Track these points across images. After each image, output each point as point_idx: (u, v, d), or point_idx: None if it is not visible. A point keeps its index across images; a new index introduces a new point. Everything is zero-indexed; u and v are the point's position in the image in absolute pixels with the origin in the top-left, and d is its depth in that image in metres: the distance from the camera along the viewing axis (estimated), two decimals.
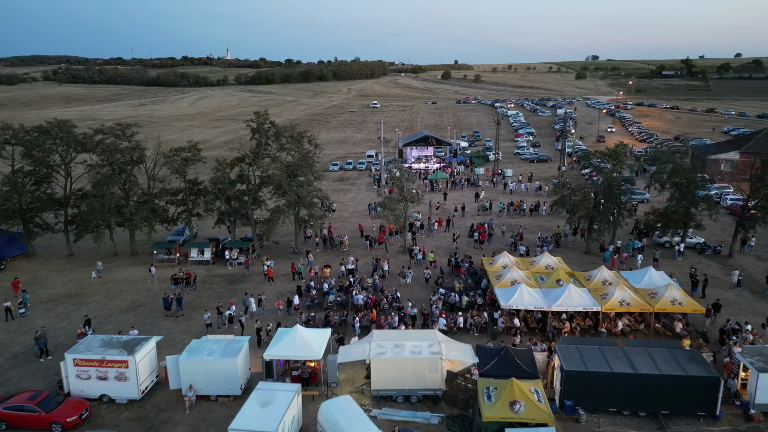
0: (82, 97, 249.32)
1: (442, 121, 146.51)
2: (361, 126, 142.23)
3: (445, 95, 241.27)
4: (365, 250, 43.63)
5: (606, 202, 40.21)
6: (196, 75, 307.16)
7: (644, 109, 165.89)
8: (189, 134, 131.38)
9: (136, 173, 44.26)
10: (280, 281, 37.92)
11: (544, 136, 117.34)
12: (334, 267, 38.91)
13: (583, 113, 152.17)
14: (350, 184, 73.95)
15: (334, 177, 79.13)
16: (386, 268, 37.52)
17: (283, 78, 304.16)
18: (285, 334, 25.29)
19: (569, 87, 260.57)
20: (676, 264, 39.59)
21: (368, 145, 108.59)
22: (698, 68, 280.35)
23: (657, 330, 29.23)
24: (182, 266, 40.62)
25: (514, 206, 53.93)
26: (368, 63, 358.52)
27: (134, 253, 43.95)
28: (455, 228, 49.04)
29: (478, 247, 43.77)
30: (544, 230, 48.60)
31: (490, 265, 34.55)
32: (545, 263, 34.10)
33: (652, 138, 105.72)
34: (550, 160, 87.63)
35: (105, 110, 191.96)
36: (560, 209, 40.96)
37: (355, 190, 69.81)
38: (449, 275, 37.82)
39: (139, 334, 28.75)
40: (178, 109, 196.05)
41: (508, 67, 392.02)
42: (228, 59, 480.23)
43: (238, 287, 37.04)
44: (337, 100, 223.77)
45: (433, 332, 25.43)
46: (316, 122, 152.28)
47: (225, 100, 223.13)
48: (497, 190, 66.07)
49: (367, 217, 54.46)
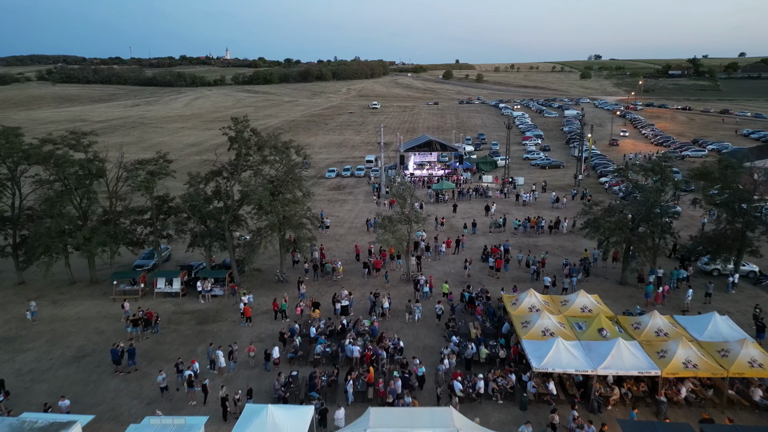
0: (75, 97, 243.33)
1: (444, 123, 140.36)
2: (360, 128, 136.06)
3: (447, 95, 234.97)
4: (362, 278, 37.47)
5: (646, 224, 33.99)
6: (192, 75, 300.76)
7: (655, 110, 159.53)
8: (180, 136, 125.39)
9: (96, 189, 38.04)
10: (260, 321, 31.74)
11: (553, 138, 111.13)
12: (324, 302, 32.78)
13: (591, 114, 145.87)
14: (347, 193, 67.78)
15: (331, 185, 72.96)
16: (386, 305, 31.33)
17: (281, 78, 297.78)
18: (253, 415, 19.14)
19: (574, 87, 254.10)
20: (730, 299, 33.39)
21: (367, 149, 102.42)
22: (705, 68, 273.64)
23: (730, 399, 23.06)
24: (148, 298, 34.54)
25: (532, 223, 47.68)
26: (368, 62, 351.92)
27: (94, 281, 37.81)
28: (466, 249, 42.92)
29: (494, 274, 37.57)
30: (567, 252, 42.44)
31: (513, 306, 28.36)
32: (581, 304, 27.93)
33: (668, 141, 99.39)
34: (563, 166, 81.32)
35: (96, 111, 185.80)
36: (593, 234, 34.65)
37: (352, 200, 63.61)
38: (462, 313, 31.67)
39: (73, 404, 22.66)
40: (171, 109, 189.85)
41: (511, 66, 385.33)
42: (227, 59, 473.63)
43: (210, 329, 30.87)
44: (336, 100, 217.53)
45: (449, 413, 19.26)
46: (313, 123, 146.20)
47: (221, 101, 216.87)
48: (509, 202, 59.85)
49: (365, 234, 48.32)
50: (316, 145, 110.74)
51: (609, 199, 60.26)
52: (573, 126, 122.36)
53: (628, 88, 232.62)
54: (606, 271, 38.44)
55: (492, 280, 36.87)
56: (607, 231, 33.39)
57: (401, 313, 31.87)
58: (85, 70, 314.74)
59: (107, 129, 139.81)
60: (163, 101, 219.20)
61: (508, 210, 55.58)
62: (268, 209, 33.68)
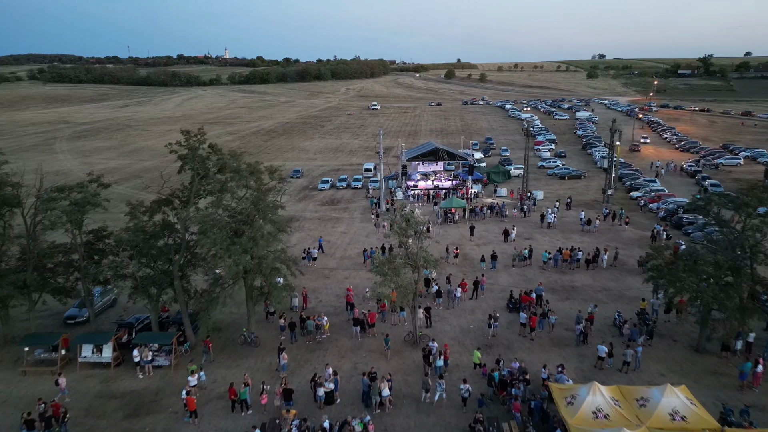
0: (65, 97, 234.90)
1: (448, 125, 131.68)
2: (359, 131, 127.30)
3: (449, 95, 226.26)
4: (353, 340, 28.81)
5: (734, 276, 25.28)
6: (187, 74, 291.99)
7: (671, 111, 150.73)
8: (166, 139, 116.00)
9: (11, 222, 29.29)
10: (212, 413, 23.00)
11: (567, 143, 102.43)
12: (302, 381, 24.15)
13: (604, 116, 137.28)
14: (342, 209, 59.06)
15: (324, 198, 64.24)
16: (386, 392, 22.61)
17: (278, 77, 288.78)
18: None
19: (581, 87, 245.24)
20: None
21: (366, 155, 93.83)
22: (716, 67, 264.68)
23: None
24: (71, 369, 25.88)
25: (564, 255, 38.90)
26: (368, 62, 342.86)
27: (8, 340, 29.14)
28: (485, 292, 34.26)
29: (527, 333, 28.84)
30: (614, 297, 33.76)
31: (569, 408, 19.67)
32: (669, 407, 19.22)
33: (695, 147, 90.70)
34: (584, 176, 72.56)
35: (83, 112, 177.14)
36: (668, 288, 25.85)
37: (347, 219, 54.90)
38: (490, 401, 23.01)
39: None
40: (161, 110, 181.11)
41: (514, 66, 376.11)
42: (226, 58, 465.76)
43: (140, 427, 22.22)
44: (334, 101, 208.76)
45: None
46: (309, 126, 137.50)
47: (214, 101, 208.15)
48: (530, 222, 51.07)
49: (360, 267, 39.69)
50: (311, 150, 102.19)
51: (644, 219, 51.71)
52: (587, 129, 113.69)
53: (638, 88, 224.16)
54: (671, 328, 29.71)
55: (525, 343, 28.20)
56: (687, 287, 24.62)
57: (407, 398, 23.29)
58: (77, 70, 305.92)
59: (90, 132, 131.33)
60: (155, 102, 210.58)
61: (531, 234, 46.89)
62: (226, 255, 24.96)
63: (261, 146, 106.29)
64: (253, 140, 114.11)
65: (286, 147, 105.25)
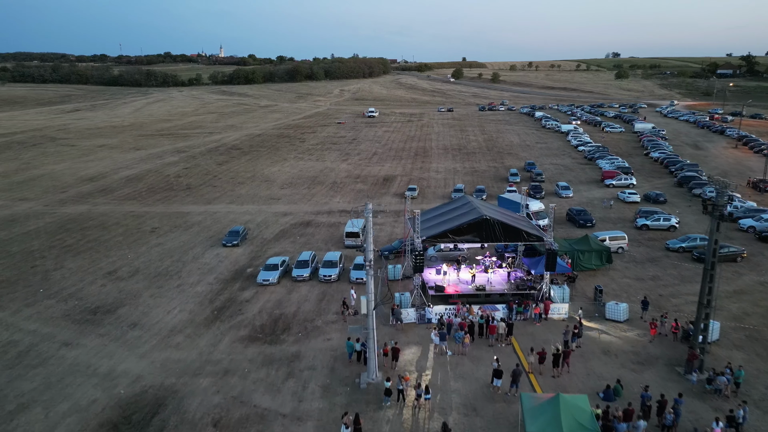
0: (21, 99, 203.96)
1: (467, 141, 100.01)
2: (350, 148, 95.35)
3: (460, 98, 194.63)
4: None
5: None
6: (164, 73, 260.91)
7: (752, 121, 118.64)
8: (87, 160, 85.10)
9: None
10: None
11: (645, 173, 71.22)
12: None
13: (668, 129, 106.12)
14: (291, 356, 27.48)
15: (264, 319, 32.35)
16: None
17: (265, 77, 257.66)
18: None
19: (611, 88, 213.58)
20: None
21: (354, 191, 62.63)
22: (762, 66, 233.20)
23: None
24: None
25: None
26: (367, 60, 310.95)
27: None
28: None
29: None
30: None
31: None
32: None
33: None
34: (742, 256, 40.76)
35: (16, 119, 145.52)
36: None
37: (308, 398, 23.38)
38: None
39: None
40: (114, 116, 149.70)
41: (528, 64, 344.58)
42: (221, 57, 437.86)
43: None
44: (324, 105, 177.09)
45: None
46: (285, 140, 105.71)
47: (182, 105, 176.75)
48: None
49: None
50: (278, 180, 70.77)
51: None
52: (661, 148, 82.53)
53: (681, 90, 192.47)
54: None
55: None
56: None
57: None
58: (41, 69, 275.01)
59: (1, 146, 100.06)
60: (113, 105, 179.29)
61: None
62: None
63: (209, 174, 74.82)
64: (202, 163, 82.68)
65: (244, 176, 73.72)
